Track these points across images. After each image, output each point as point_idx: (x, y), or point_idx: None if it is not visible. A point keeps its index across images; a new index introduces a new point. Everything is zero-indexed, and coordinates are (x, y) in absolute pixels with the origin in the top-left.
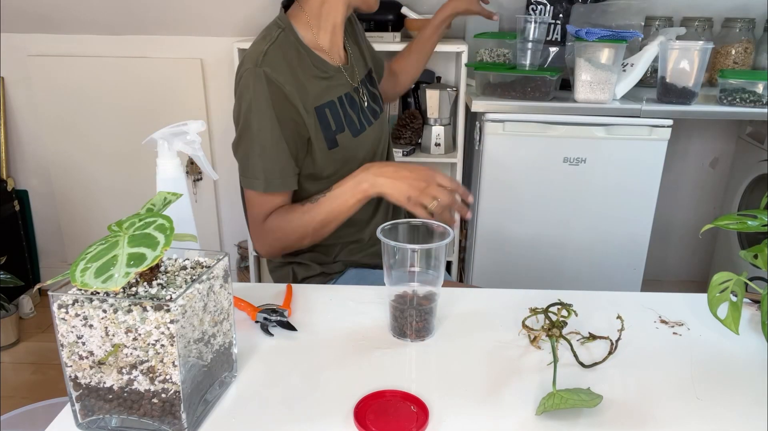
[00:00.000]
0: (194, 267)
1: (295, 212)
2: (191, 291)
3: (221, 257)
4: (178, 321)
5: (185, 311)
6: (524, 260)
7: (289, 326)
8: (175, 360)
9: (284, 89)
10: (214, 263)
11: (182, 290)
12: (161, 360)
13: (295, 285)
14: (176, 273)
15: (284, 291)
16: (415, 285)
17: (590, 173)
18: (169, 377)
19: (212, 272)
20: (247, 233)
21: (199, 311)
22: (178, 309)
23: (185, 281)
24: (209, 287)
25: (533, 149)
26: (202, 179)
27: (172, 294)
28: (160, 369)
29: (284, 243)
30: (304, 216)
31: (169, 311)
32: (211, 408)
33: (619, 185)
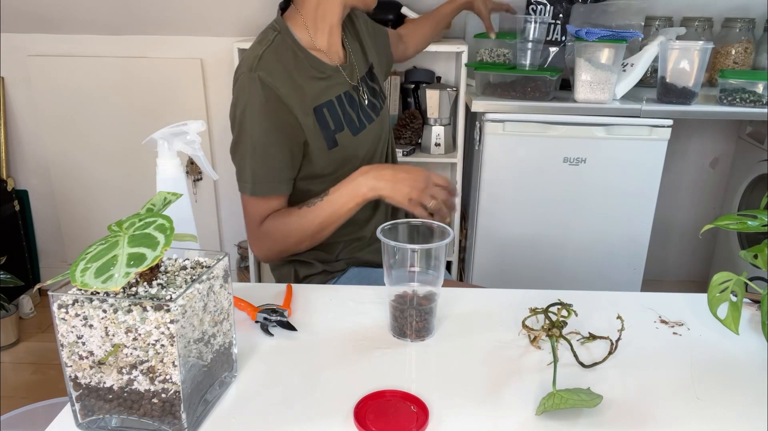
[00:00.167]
0: (194, 267)
1: (291, 216)
2: (191, 291)
3: (221, 257)
4: (178, 321)
5: (185, 311)
6: (524, 260)
7: (289, 326)
8: (175, 360)
9: (279, 92)
10: (214, 263)
11: (182, 290)
12: (161, 360)
13: (295, 285)
14: (176, 273)
15: (284, 291)
16: (415, 285)
17: (590, 173)
18: (169, 377)
19: (212, 272)
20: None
21: (199, 311)
22: (178, 309)
23: (185, 281)
24: (209, 287)
25: (533, 149)
26: (202, 179)
27: (172, 294)
28: (160, 369)
29: (282, 247)
30: (301, 220)
31: (169, 311)
32: (211, 408)
33: (619, 185)
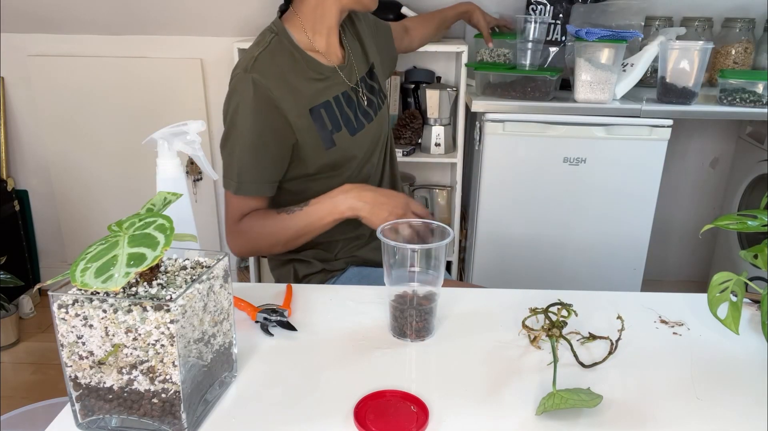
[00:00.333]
0: (194, 267)
1: (269, 219)
2: (191, 291)
3: (221, 257)
4: (178, 321)
5: (185, 311)
6: (524, 260)
7: (289, 326)
8: (175, 360)
9: (272, 94)
10: (214, 263)
11: (182, 290)
12: (161, 360)
13: (295, 286)
14: (176, 273)
15: (284, 291)
16: (415, 285)
17: (590, 173)
18: (169, 377)
19: (212, 272)
20: None
21: (199, 311)
22: (178, 309)
23: (185, 281)
24: (209, 287)
25: (533, 149)
26: (202, 179)
27: (172, 294)
28: (160, 369)
29: (254, 247)
30: (277, 225)
31: (169, 311)
32: (211, 408)
33: (619, 185)
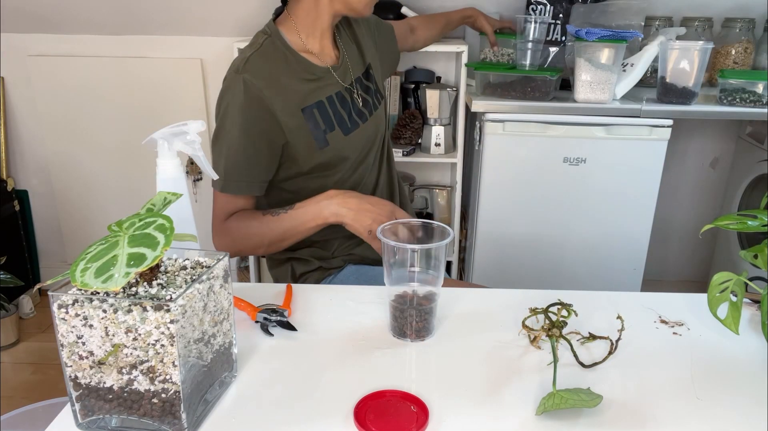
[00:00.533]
0: (194, 267)
1: (254, 220)
2: (191, 291)
3: (221, 257)
4: (178, 321)
5: (185, 311)
6: (524, 260)
7: (289, 326)
8: (175, 360)
9: (262, 95)
10: (214, 263)
11: (182, 290)
12: (161, 360)
13: (295, 286)
14: (176, 273)
15: (284, 291)
16: (415, 285)
17: (590, 173)
18: (169, 377)
19: (212, 272)
20: None
21: (199, 311)
22: (178, 309)
23: (185, 281)
24: (209, 287)
25: (533, 149)
26: (202, 179)
27: (172, 294)
28: (160, 369)
29: (239, 247)
30: (262, 227)
31: (169, 311)
32: (211, 408)
33: (619, 185)
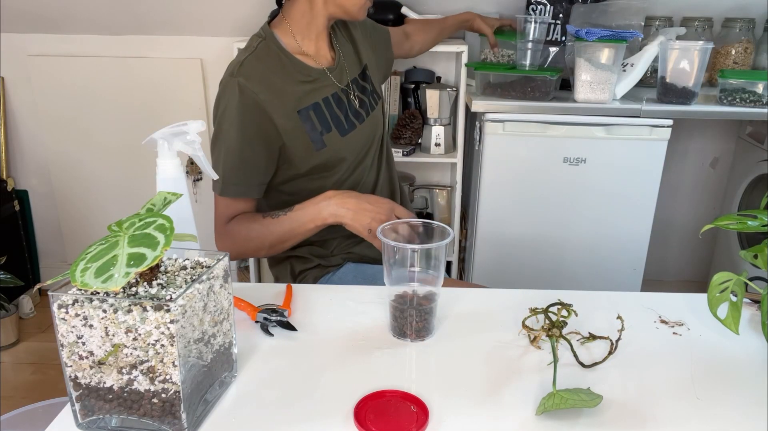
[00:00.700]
0: (194, 267)
1: (255, 223)
2: (191, 291)
3: (221, 257)
4: (178, 321)
5: (185, 311)
6: (524, 260)
7: (289, 326)
8: (175, 360)
9: (258, 98)
10: (214, 263)
11: (182, 290)
12: (161, 360)
13: (295, 286)
14: (176, 273)
15: (284, 291)
16: (415, 285)
17: (590, 173)
18: (169, 377)
19: (212, 272)
20: None
21: (199, 311)
22: (178, 309)
23: (185, 281)
24: (209, 287)
25: (533, 149)
26: (202, 179)
27: (172, 294)
28: (160, 369)
29: (241, 250)
30: (263, 229)
31: (169, 311)
32: (211, 408)
33: (619, 185)
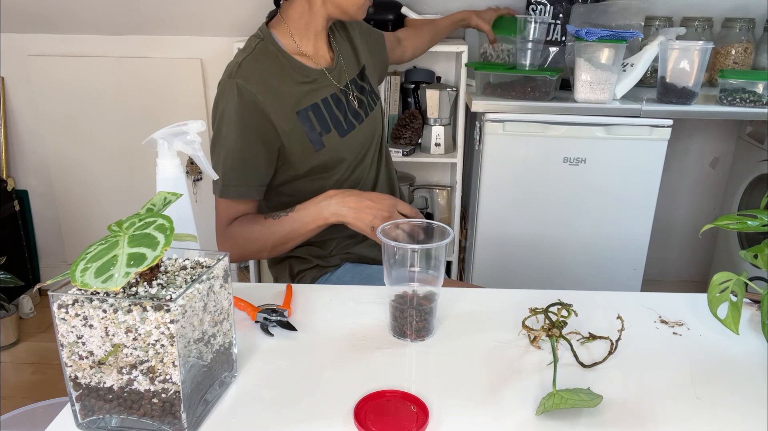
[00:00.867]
0: (194, 267)
1: (256, 224)
2: (191, 291)
3: (221, 257)
4: (178, 321)
5: (185, 311)
6: (524, 260)
7: (289, 326)
8: (175, 360)
9: (256, 99)
10: (214, 263)
11: (182, 290)
12: (161, 360)
13: (295, 286)
14: (176, 273)
15: (284, 291)
16: (415, 285)
17: (590, 173)
18: (169, 377)
19: (212, 272)
20: None
21: (199, 311)
22: (178, 309)
23: (185, 281)
24: (209, 287)
25: (533, 149)
26: (202, 179)
27: (172, 294)
28: (160, 369)
29: (243, 252)
30: (264, 231)
31: (169, 311)
32: (211, 408)
33: (619, 185)
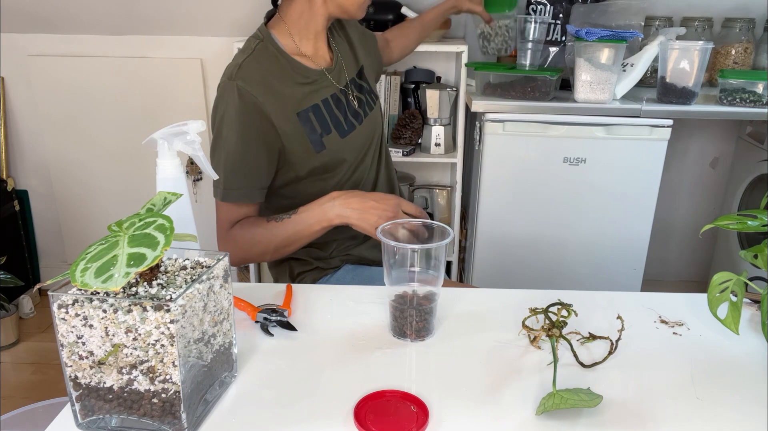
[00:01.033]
0: (194, 267)
1: (259, 227)
2: (191, 291)
3: (221, 257)
4: (178, 321)
5: (185, 311)
6: (524, 260)
7: (289, 326)
8: (175, 360)
9: (257, 100)
10: (214, 263)
11: (182, 290)
12: (161, 360)
13: (295, 286)
14: (176, 273)
15: (284, 291)
16: (415, 285)
17: (590, 173)
18: (169, 377)
19: (212, 272)
20: None
21: (199, 311)
22: (178, 309)
23: (185, 281)
24: (209, 287)
25: (533, 149)
26: (202, 179)
27: (172, 294)
28: (160, 369)
29: (245, 255)
30: (267, 233)
31: (169, 311)
32: (211, 408)
33: (619, 185)
